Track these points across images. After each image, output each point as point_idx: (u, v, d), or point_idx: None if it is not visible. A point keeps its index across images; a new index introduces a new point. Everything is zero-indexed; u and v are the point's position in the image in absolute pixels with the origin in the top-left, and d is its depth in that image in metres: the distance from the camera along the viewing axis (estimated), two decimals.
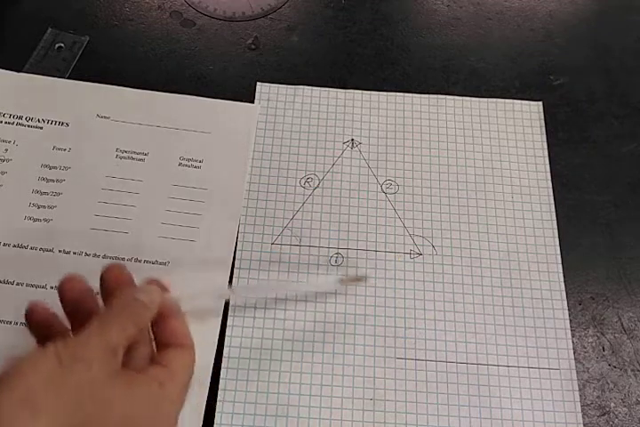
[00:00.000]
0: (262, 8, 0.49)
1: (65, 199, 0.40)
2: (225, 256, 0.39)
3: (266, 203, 0.42)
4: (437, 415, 0.36)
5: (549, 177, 0.43)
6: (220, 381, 0.36)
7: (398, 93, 0.46)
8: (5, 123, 0.42)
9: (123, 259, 0.39)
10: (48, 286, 0.37)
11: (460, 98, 0.46)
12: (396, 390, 0.36)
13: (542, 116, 0.46)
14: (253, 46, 0.47)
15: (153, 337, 0.30)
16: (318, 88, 0.46)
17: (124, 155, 0.42)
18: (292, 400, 0.36)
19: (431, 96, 0.46)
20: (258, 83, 0.46)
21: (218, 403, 0.35)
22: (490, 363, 0.37)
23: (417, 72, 0.47)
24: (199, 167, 0.42)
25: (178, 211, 0.40)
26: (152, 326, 0.30)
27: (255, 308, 0.38)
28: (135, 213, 0.40)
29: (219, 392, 0.36)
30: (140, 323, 0.29)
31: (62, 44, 0.46)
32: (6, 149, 0.41)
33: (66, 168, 0.41)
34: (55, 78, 0.44)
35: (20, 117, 0.43)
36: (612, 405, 0.37)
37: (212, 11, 0.49)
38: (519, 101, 0.46)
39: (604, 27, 0.50)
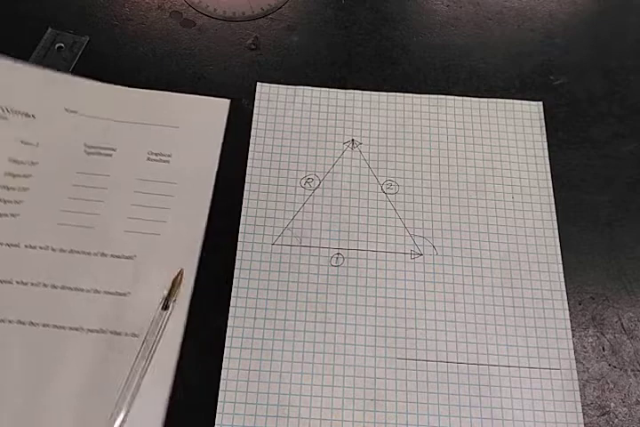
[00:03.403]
0: (262, 8, 0.49)
1: (32, 194, 0.40)
2: (192, 250, 0.39)
3: (266, 203, 0.42)
4: (438, 416, 0.36)
5: (549, 177, 0.43)
6: (221, 381, 0.36)
7: (398, 93, 0.46)
8: None
9: (89, 253, 0.39)
10: (14, 281, 0.37)
11: (461, 98, 0.46)
12: (396, 390, 0.36)
13: (542, 116, 0.46)
14: (253, 46, 0.47)
15: None
16: (318, 88, 0.46)
17: (92, 150, 0.42)
18: (292, 401, 0.36)
19: (431, 96, 0.46)
20: (258, 83, 0.46)
21: (218, 404, 0.35)
22: (490, 363, 0.37)
23: (417, 72, 0.47)
24: (168, 162, 0.42)
25: (145, 205, 0.40)
26: None
27: (256, 308, 0.38)
28: (102, 208, 0.40)
29: (219, 393, 0.36)
30: None
31: (62, 44, 0.45)
32: None
33: (33, 163, 0.41)
34: (20, 64, 0.43)
35: None
36: (612, 405, 0.37)
37: (212, 11, 0.49)
38: (519, 101, 0.46)
39: (604, 27, 0.51)
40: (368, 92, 0.46)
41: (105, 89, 0.44)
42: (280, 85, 0.46)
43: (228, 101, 0.44)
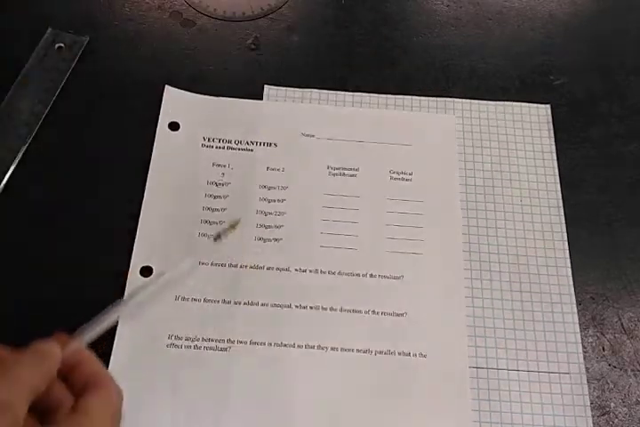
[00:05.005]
0: (262, 8, 0.49)
1: (290, 218, 0.40)
2: (455, 266, 0.40)
3: None
4: None
5: (558, 180, 0.43)
6: None
7: (406, 96, 0.46)
8: (217, 148, 0.42)
9: (357, 274, 0.39)
10: (293, 306, 0.38)
11: (468, 101, 0.46)
12: None
13: (550, 119, 0.45)
14: (253, 46, 0.47)
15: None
16: (326, 91, 0.45)
17: (336, 171, 0.42)
18: None
19: (439, 99, 0.46)
20: (265, 85, 0.45)
21: None
22: (500, 367, 0.37)
23: (417, 72, 0.47)
24: (410, 180, 0.42)
25: (399, 225, 0.41)
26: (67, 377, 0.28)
27: None
28: (359, 229, 0.40)
29: None
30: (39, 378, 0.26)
31: (62, 44, 0.45)
32: (223, 173, 0.41)
33: (283, 188, 0.41)
34: (254, 101, 0.45)
35: (229, 141, 0.43)
36: (612, 405, 0.37)
37: (212, 11, 0.49)
38: (527, 104, 0.46)
39: (604, 27, 0.51)
40: (375, 95, 0.46)
41: (335, 111, 0.45)
42: (288, 88, 0.45)
43: (454, 118, 0.45)
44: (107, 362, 0.34)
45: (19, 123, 0.42)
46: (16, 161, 0.41)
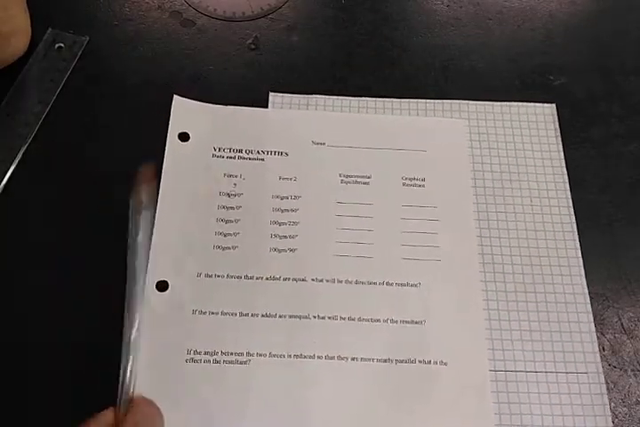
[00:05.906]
0: (262, 8, 0.49)
1: (304, 228, 0.40)
2: (472, 271, 0.39)
3: None
4: None
5: (567, 179, 0.43)
6: None
7: (412, 100, 0.45)
8: (227, 157, 0.42)
9: (375, 283, 0.39)
10: (311, 316, 0.37)
11: (474, 102, 0.45)
12: None
13: (556, 119, 0.45)
14: (253, 46, 0.47)
15: None
16: (330, 97, 0.45)
17: (349, 179, 0.42)
18: None
19: (445, 101, 0.45)
20: (270, 93, 0.45)
21: None
22: (517, 369, 0.37)
23: (417, 72, 0.47)
24: (423, 186, 0.42)
25: (414, 231, 0.40)
26: None
27: None
28: (374, 237, 0.40)
29: None
30: None
31: (62, 44, 0.45)
32: (235, 184, 0.41)
33: (296, 197, 0.41)
34: (262, 109, 0.44)
35: (240, 151, 0.42)
36: (612, 405, 0.37)
37: (212, 11, 0.49)
38: (532, 104, 0.46)
39: (604, 27, 0.50)
40: (381, 99, 0.45)
41: (344, 118, 0.44)
42: (293, 95, 0.45)
43: (465, 122, 0.44)
44: None
45: (19, 123, 0.42)
46: (16, 161, 0.41)
